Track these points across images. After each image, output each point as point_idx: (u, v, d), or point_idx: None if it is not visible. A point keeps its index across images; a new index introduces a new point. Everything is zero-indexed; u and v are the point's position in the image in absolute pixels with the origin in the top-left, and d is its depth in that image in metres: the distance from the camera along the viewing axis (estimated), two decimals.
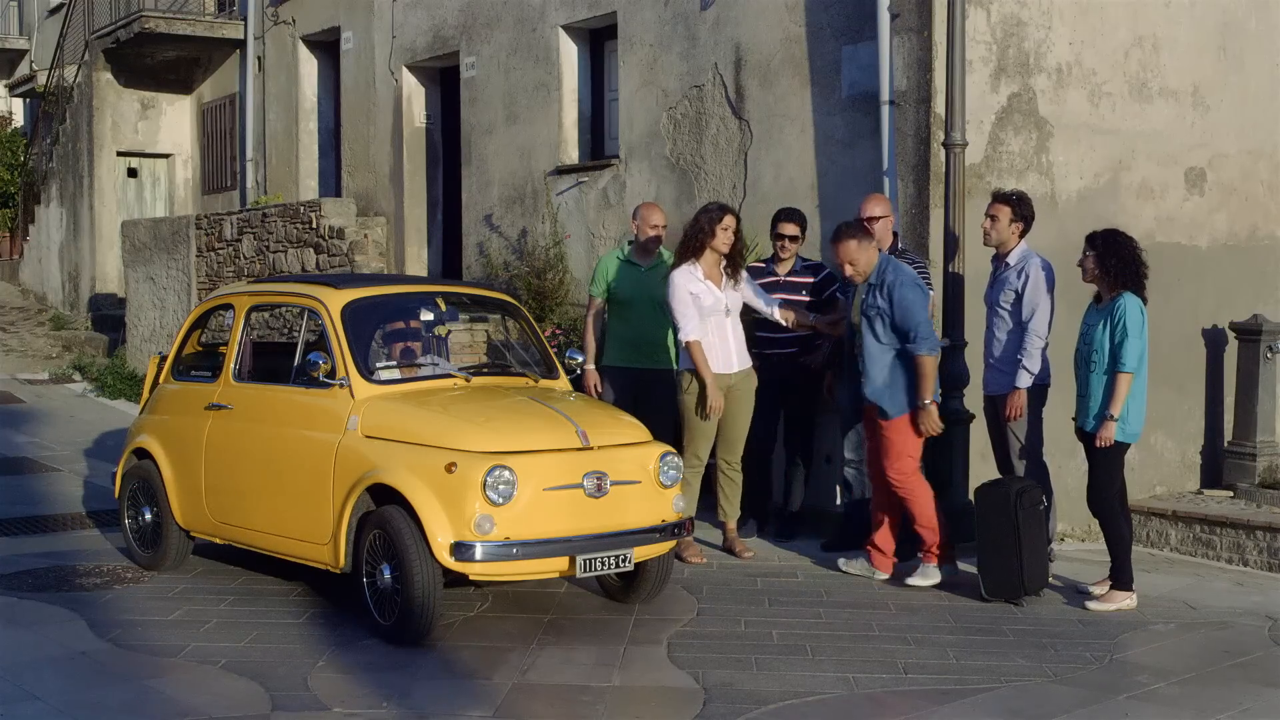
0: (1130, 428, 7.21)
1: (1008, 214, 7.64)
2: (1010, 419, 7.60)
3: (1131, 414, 7.19)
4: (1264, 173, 10.19)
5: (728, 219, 7.96)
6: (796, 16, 9.62)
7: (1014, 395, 7.57)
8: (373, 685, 5.78)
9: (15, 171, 22.51)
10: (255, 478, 7.22)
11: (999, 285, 7.69)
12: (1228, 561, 8.69)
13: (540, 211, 12.01)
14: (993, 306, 7.73)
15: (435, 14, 13.37)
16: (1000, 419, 7.71)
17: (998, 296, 7.68)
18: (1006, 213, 7.65)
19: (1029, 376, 7.55)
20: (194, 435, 7.61)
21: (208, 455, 7.51)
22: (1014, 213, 7.65)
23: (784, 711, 5.52)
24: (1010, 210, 7.65)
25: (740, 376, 8.02)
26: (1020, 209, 7.67)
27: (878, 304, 7.43)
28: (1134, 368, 7.13)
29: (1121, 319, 7.11)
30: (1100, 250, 7.23)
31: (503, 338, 9.62)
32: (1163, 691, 5.88)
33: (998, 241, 7.70)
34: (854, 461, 8.42)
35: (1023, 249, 7.68)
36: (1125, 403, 7.12)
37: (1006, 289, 7.62)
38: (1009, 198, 7.72)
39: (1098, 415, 7.17)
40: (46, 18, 23.87)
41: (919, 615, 7.03)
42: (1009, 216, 7.64)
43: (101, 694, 5.68)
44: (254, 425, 7.30)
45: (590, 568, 6.40)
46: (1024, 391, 7.55)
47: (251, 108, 16.78)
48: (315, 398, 6.95)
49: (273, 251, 14.13)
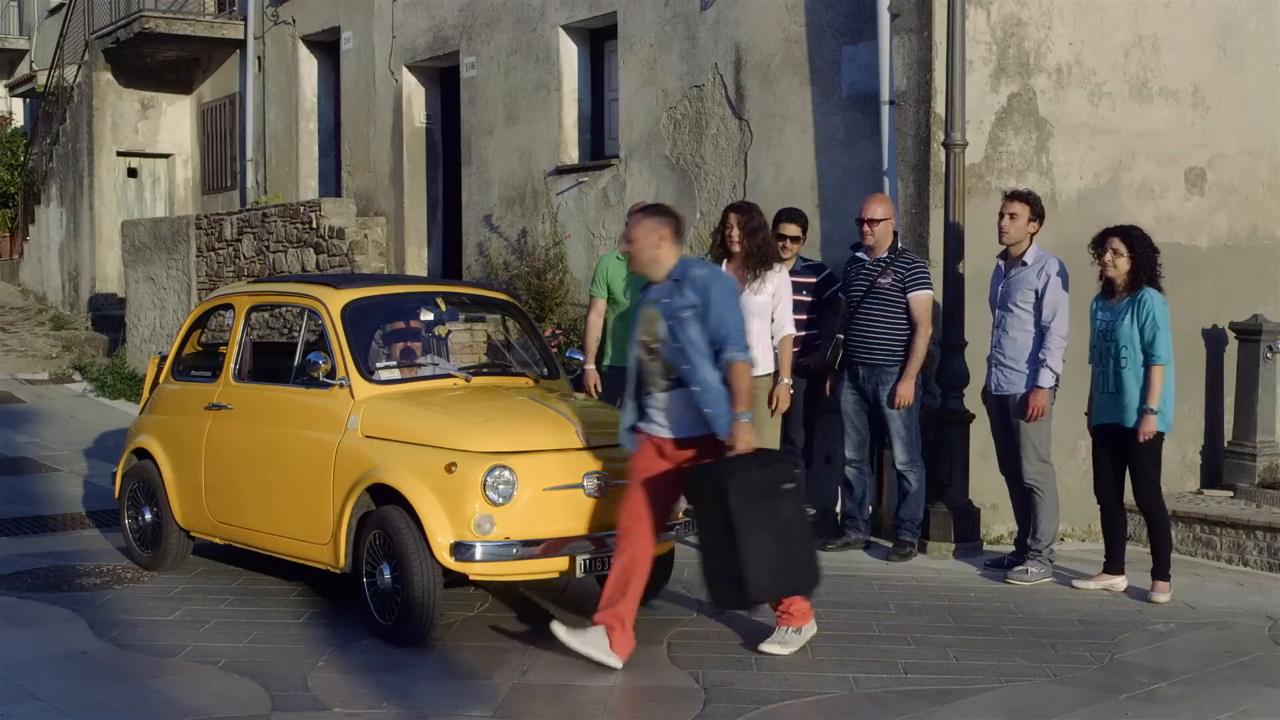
0: (1167, 417, 7.30)
1: (1026, 212, 7.65)
2: (1031, 419, 7.60)
3: (1166, 404, 7.28)
4: (1264, 173, 10.19)
5: (729, 216, 7.95)
6: (796, 16, 9.62)
7: (1036, 395, 7.56)
8: (373, 685, 5.78)
9: (15, 171, 22.51)
10: (255, 478, 7.22)
11: (1015, 284, 7.67)
12: (1228, 561, 8.69)
13: (540, 211, 12.01)
14: (1006, 306, 7.70)
15: (435, 14, 13.37)
16: (1011, 419, 7.70)
17: (1014, 296, 7.65)
18: (1025, 211, 7.65)
19: (1052, 376, 7.56)
20: (194, 435, 7.61)
21: (208, 455, 7.51)
22: (1032, 211, 7.66)
23: (784, 711, 5.52)
24: (1029, 208, 7.66)
25: (765, 380, 7.99)
26: (1037, 207, 7.70)
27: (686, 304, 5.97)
28: (1167, 359, 7.22)
29: (1150, 313, 7.22)
30: (1135, 248, 7.28)
31: (503, 338, 9.61)
32: (1163, 691, 5.88)
33: (1014, 240, 7.68)
34: (855, 461, 8.44)
35: (1037, 248, 7.69)
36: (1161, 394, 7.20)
37: (1025, 288, 7.61)
38: (1026, 196, 7.72)
39: (1140, 410, 7.22)
40: (46, 18, 23.87)
41: (919, 615, 7.03)
42: (1028, 215, 7.65)
43: (101, 694, 5.68)
44: (254, 425, 7.30)
45: (590, 568, 6.40)
46: (1046, 391, 7.56)
47: (251, 108, 16.78)
48: (315, 398, 6.95)
49: (273, 251, 14.13)
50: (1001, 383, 7.74)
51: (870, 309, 8.15)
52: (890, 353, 8.16)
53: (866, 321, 8.15)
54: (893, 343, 8.16)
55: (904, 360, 8.12)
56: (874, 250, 8.24)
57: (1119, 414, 7.33)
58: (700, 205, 10.42)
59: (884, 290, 8.16)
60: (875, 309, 8.16)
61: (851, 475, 8.49)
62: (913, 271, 8.15)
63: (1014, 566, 7.77)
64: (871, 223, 8.15)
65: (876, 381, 8.21)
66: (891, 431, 8.23)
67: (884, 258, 8.21)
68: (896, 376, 8.12)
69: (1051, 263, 7.64)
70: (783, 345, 7.97)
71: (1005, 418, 7.76)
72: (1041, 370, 7.55)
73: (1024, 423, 7.61)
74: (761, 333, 7.75)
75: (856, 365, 8.24)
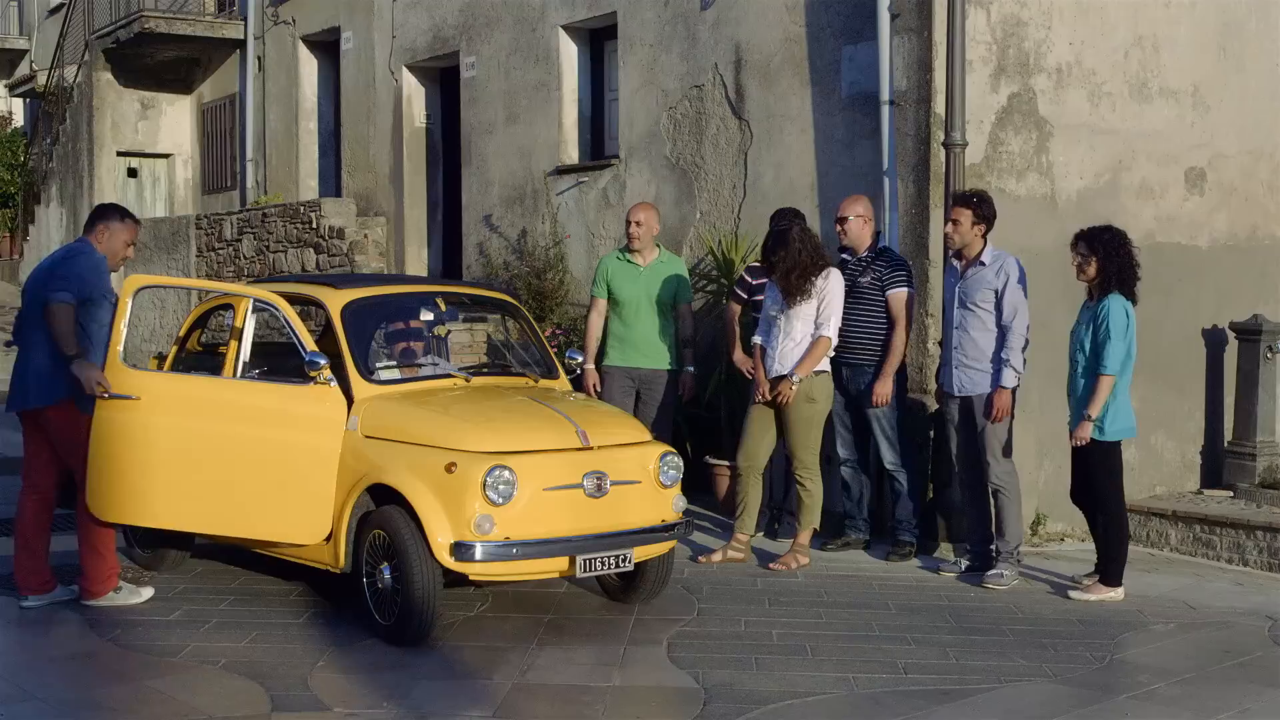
0: (1116, 425, 7.28)
1: (969, 217, 7.61)
2: (997, 419, 7.59)
3: (1117, 413, 7.26)
4: (1264, 173, 10.18)
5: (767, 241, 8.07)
6: (796, 16, 9.62)
7: (1000, 395, 7.54)
8: (373, 685, 5.78)
9: (15, 171, 22.52)
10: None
11: (974, 284, 7.62)
12: (1228, 561, 8.69)
13: (540, 211, 12.01)
14: (966, 305, 7.66)
15: (435, 14, 13.37)
16: (974, 419, 7.67)
17: (973, 296, 7.62)
18: (968, 216, 7.61)
19: (1015, 375, 7.55)
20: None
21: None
22: (975, 215, 7.61)
23: (784, 711, 5.52)
24: (971, 213, 7.61)
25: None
26: (981, 210, 7.63)
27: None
28: (1115, 370, 7.18)
29: (1105, 320, 7.20)
30: (1103, 254, 7.25)
31: (503, 338, 9.63)
32: (1163, 691, 5.88)
33: (961, 244, 7.67)
34: (849, 461, 8.45)
35: (993, 248, 7.67)
36: (1108, 404, 7.20)
37: (984, 288, 7.59)
38: (969, 200, 7.66)
39: (1080, 415, 7.26)
40: (46, 18, 23.87)
41: (919, 615, 7.03)
42: (970, 219, 7.61)
43: (101, 694, 5.68)
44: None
45: (590, 568, 6.40)
46: (1009, 392, 7.55)
47: (251, 108, 16.79)
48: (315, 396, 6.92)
49: (273, 251, 14.14)
50: (964, 383, 7.69)
51: (852, 308, 8.14)
52: (872, 352, 8.16)
53: (848, 321, 8.14)
54: (874, 342, 8.16)
55: (882, 358, 8.13)
56: (855, 250, 8.26)
57: (1075, 418, 7.37)
58: (700, 205, 10.42)
59: (865, 289, 8.16)
60: (857, 308, 8.16)
61: (847, 475, 8.49)
62: (892, 269, 8.16)
63: (984, 570, 7.72)
64: (842, 220, 8.19)
65: (860, 381, 8.21)
66: (876, 432, 8.23)
67: (865, 257, 8.23)
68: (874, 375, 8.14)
69: (1010, 262, 7.61)
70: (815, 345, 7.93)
71: (967, 417, 7.73)
72: (1004, 370, 7.53)
73: (989, 423, 7.59)
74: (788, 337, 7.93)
75: (841, 365, 8.24)
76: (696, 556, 8.05)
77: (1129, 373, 7.30)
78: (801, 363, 7.87)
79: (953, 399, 7.78)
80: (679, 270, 8.81)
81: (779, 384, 7.90)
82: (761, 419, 8.03)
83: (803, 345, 7.89)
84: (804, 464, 8.00)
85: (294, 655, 6.17)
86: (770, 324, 8.04)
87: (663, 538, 6.73)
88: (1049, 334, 8.23)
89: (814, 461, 8.02)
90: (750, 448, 8.05)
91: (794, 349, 7.90)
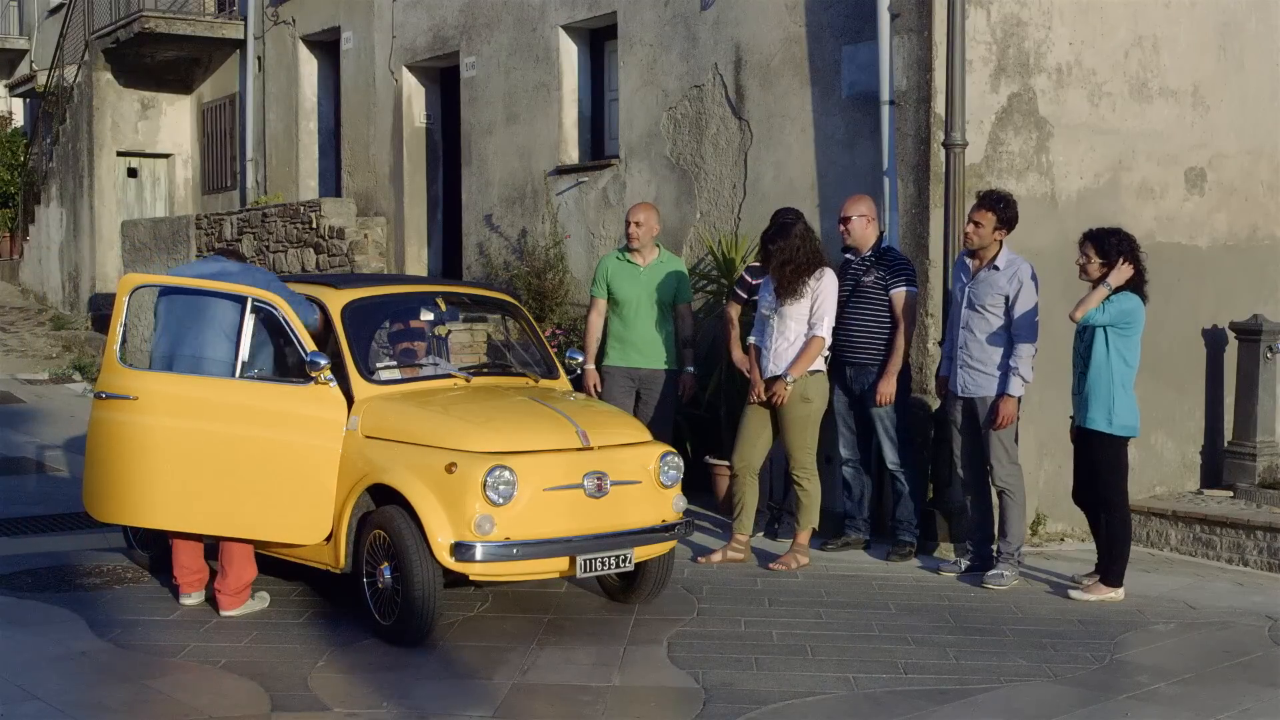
0: (1123, 420, 7.28)
1: (992, 221, 7.56)
2: (1001, 427, 7.58)
3: (1123, 409, 7.26)
4: (1264, 173, 10.19)
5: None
6: (796, 16, 9.62)
7: (1006, 403, 7.52)
8: (373, 685, 5.78)
9: (15, 171, 22.52)
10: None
11: (985, 287, 7.59)
12: (1228, 561, 8.69)
13: (540, 211, 12.02)
14: (974, 307, 7.65)
15: (435, 14, 13.37)
16: (978, 422, 7.67)
17: (983, 298, 7.59)
18: (991, 220, 7.56)
19: (1023, 385, 7.54)
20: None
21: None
22: (999, 219, 7.57)
23: (784, 711, 5.53)
24: (995, 217, 7.56)
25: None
26: (1005, 213, 7.59)
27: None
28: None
29: (1121, 309, 7.20)
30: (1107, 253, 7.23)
31: (503, 338, 9.63)
32: (1163, 691, 5.88)
33: (980, 246, 7.64)
34: (850, 461, 8.44)
35: (1009, 253, 7.65)
36: (1116, 398, 7.23)
37: (995, 293, 7.56)
38: (995, 204, 7.59)
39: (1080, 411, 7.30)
40: (46, 18, 23.87)
41: (919, 615, 7.03)
42: (993, 223, 7.57)
43: (101, 694, 5.69)
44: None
45: (590, 568, 6.40)
46: (1015, 400, 7.54)
47: (251, 108, 16.79)
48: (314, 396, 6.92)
49: (273, 251, 14.14)
50: (969, 385, 7.67)
51: (855, 308, 8.15)
52: (876, 351, 8.16)
53: (852, 321, 8.14)
54: (878, 341, 8.15)
55: (885, 358, 8.13)
56: (859, 250, 8.25)
57: (1082, 415, 7.36)
58: (700, 205, 10.42)
59: (868, 289, 8.16)
60: (860, 308, 8.16)
61: (848, 475, 8.49)
62: (895, 269, 8.16)
63: (986, 571, 7.72)
64: (846, 220, 8.18)
65: (863, 381, 8.21)
66: (879, 431, 8.23)
67: (868, 256, 8.23)
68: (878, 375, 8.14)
69: (1024, 268, 7.57)
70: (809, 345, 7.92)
71: (971, 419, 7.73)
72: (1012, 378, 7.51)
73: (995, 430, 7.57)
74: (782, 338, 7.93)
75: (844, 365, 8.23)
76: (696, 557, 8.06)
77: (1134, 371, 7.30)
78: (795, 363, 7.87)
79: (956, 399, 7.77)
80: (679, 270, 8.81)
81: (773, 384, 7.90)
82: (757, 419, 8.03)
83: (797, 345, 7.89)
84: (800, 464, 8.00)
85: (294, 655, 6.18)
86: (764, 324, 8.05)
87: (663, 538, 6.73)
88: (1049, 334, 8.21)
89: (811, 461, 8.02)
90: (745, 449, 8.05)
91: (788, 349, 7.91)
